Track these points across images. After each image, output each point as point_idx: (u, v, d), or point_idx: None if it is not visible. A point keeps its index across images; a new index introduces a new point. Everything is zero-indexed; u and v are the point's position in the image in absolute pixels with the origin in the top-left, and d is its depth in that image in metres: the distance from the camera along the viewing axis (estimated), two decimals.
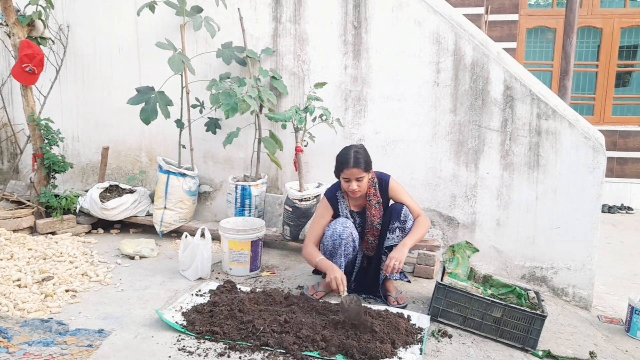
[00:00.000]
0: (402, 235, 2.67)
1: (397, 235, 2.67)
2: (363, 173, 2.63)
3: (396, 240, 2.67)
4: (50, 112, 4.15)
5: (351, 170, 2.61)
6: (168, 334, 2.27)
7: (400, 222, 2.67)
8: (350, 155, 2.63)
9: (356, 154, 2.63)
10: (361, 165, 2.61)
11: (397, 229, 2.67)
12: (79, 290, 2.75)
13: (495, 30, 7.47)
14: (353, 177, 2.63)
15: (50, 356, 2.02)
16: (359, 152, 2.65)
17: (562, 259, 3.29)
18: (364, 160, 2.63)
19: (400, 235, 2.67)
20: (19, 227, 3.61)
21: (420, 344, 2.28)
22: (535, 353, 2.39)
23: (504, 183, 3.38)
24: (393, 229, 2.68)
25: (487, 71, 3.34)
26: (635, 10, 7.42)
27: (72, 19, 4.31)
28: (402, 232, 2.67)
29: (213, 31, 3.63)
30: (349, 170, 2.62)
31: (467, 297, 2.50)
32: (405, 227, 2.67)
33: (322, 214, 2.81)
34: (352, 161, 2.61)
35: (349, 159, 2.62)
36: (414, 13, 3.43)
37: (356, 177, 2.63)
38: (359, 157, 2.63)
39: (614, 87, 7.52)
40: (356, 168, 2.61)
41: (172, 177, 3.72)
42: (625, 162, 7.16)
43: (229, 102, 3.28)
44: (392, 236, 2.68)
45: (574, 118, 3.26)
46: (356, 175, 2.62)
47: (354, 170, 2.61)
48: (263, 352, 2.12)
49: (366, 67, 3.59)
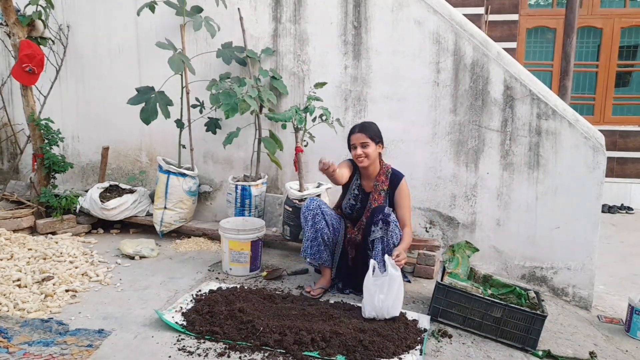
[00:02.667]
0: (385, 228, 2.64)
1: (380, 227, 2.65)
2: (367, 139, 2.79)
3: (380, 232, 2.65)
4: (50, 112, 4.15)
5: (356, 134, 2.81)
6: (168, 334, 2.27)
7: (384, 215, 2.65)
8: (358, 124, 2.89)
9: (365, 123, 2.89)
10: (367, 131, 2.81)
11: (381, 221, 2.65)
12: (79, 290, 2.75)
13: (495, 30, 7.47)
14: (358, 142, 2.80)
15: (50, 356, 2.02)
16: (369, 123, 2.89)
17: (562, 259, 3.29)
18: (370, 129, 2.84)
19: (383, 227, 2.64)
20: (19, 227, 3.61)
21: (420, 344, 2.28)
22: (535, 353, 2.39)
23: (504, 183, 3.38)
24: (377, 221, 2.67)
25: (487, 71, 3.34)
26: (635, 10, 7.42)
27: (72, 19, 4.32)
28: (386, 225, 2.64)
29: (213, 31, 3.64)
30: (354, 135, 2.82)
31: (467, 297, 2.50)
32: (389, 221, 2.64)
33: (345, 165, 2.94)
34: (359, 127, 2.84)
35: (356, 126, 2.86)
36: (414, 13, 3.43)
37: (361, 142, 2.79)
38: (366, 125, 2.85)
39: (614, 87, 7.52)
40: (360, 133, 2.80)
41: (172, 177, 3.72)
42: (625, 162, 7.16)
43: (229, 102, 3.28)
44: (376, 228, 2.66)
45: (574, 118, 3.26)
46: (360, 140, 2.79)
47: (358, 135, 2.80)
48: (263, 352, 2.13)
49: (366, 67, 3.59)
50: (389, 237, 2.65)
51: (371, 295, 2.44)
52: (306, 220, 2.81)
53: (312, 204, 2.81)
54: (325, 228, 2.80)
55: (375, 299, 2.43)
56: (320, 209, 2.81)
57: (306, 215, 2.81)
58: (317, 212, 2.79)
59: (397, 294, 2.44)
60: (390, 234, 2.65)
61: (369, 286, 2.46)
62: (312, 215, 2.79)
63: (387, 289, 2.42)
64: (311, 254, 2.82)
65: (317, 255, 2.81)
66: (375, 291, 2.43)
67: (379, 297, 2.42)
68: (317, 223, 2.78)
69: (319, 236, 2.79)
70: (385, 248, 2.66)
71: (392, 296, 2.43)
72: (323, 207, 2.83)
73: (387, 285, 2.42)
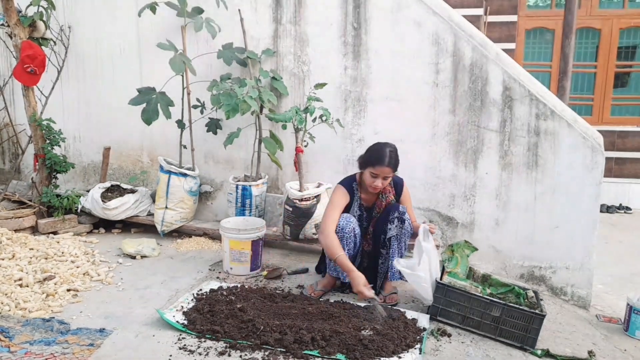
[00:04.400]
0: (400, 226, 2.70)
1: (396, 225, 2.70)
2: (392, 174, 2.71)
3: (395, 230, 2.70)
4: (51, 113, 4.16)
5: (384, 168, 2.65)
6: (169, 333, 2.29)
7: (400, 213, 2.71)
8: (386, 154, 2.66)
9: (391, 153, 2.68)
10: (394, 166, 2.69)
11: (396, 219, 2.70)
12: (80, 290, 2.76)
13: (494, 32, 7.48)
14: (382, 175, 2.68)
15: (51, 355, 2.04)
16: (394, 152, 2.71)
17: (561, 258, 3.31)
18: (395, 162, 2.70)
19: (399, 225, 2.70)
20: (21, 227, 3.62)
21: (419, 343, 2.29)
22: (534, 352, 2.41)
23: (502, 183, 3.40)
24: (392, 219, 2.71)
25: (486, 72, 3.36)
26: (633, 11, 7.43)
27: (74, 20, 4.33)
28: (401, 223, 2.70)
29: (214, 32, 3.65)
30: (381, 168, 2.65)
31: (466, 296, 2.52)
32: (404, 219, 2.70)
33: (339, 202, 2.81)
34: (388, 160, 2.65)
35: (384, 157, 2.65)
36: (414, 14, 3.45)
37: (384, 176, 2.69)
38: (393, 157, 2.69)
39: (612, 87, 7.54)
40: (389, 167, 2.66)
41: (173, 177, 3.73)
42: (623, 162, 7.17)
43: (230, 102, 3.29)
44: (392, 226, 2.71)
45: (573, 118, 3.28)
46: (386, 174, 2.68)
47: (386, 169, 2.66)
48: (263, 351, 2.14)
49: (366, 68, 3.61)
50: (402, 235, 2.72)
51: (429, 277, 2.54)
52: (341, 241, 2.71)
53: (348, 226, 2.70)
54: (352, 249, 2.76)
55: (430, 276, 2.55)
56: (354, 232, 2.74)
57: (340, 237, 2.69)
58: (351, 235, 2.72)
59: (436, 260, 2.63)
60: (404, 232, 2.72)
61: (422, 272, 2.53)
62: (346, 238, 2.71)
63: (430, 257, 2.56)
64: (334, 268, 2.78)
65: (339, 269, 2.75)
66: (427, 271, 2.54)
67: (432, 271, 2.56)
68: (348, 244, 2.72)
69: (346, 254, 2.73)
70: (399, 245, 2.74)
71: (435, 261, 2.60)
72: (356, 229, 2.76)
73: (429, 255, 2.56)
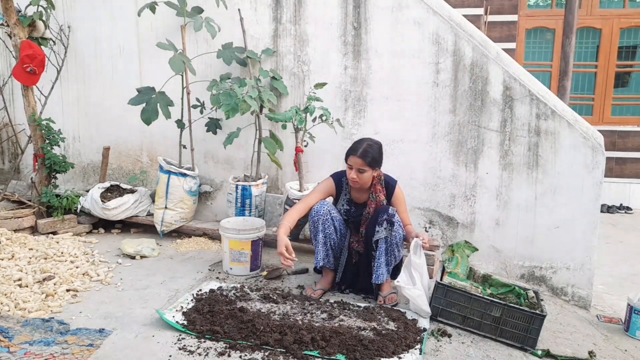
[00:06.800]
0: (389, 229, 2.66)
1: (385, 227, 2.67)
2: (366, 167, 2.68)
3: (384, 233, 2.67)
4: (51, 112, 4.16)
5: (355, 159, 2.67)
6: (169, 334, 2.28)
7: (389, 216, 2.68)
8: (361, 146, 2.69)
9: (367, 147, 2.69)
10: (366, 158, 2.66)
11: (385, 222, 2.67)
12: (79, 290, 2.75)
13: (494, 31, 7.48)
14: (355, 166, 2.68)
15: (51, 355, 2.03)
16: (371, 147, 2.71)
17: (561, 258, 3.30)
18: (371, 155, 2.68)
19: (388, 227, 2.67)
20: (20, 227, 3.62)
21: (420, 343, 2.29)
22: (535, 352, 2.40)
23: (503, 183, 3.39)
24: (381, 221, 2.68)
25: (486, 72, 3.35)
26: (634, 11, 7.44)
27: (73, 19, 4.32)
28: (391, 225, 2.66)
29: (213, 32, 3.64)
30: (353, 158, 2.68)
31: (466, 297, 2.51)
32: (393, 222, 2.66)
33: (322, 190, 2.86)
34: (360, 151, 2.67)
35: (358, 148, 2.68)
36: (414, 14, 3.44)
37: (358, 168, 2.68)
38: (369, 150, 2.68)
39: (613, 87, 7.54)
40: (361, 159, 2.66)
41: (172, 177, 3.72)
42: (624, 162, 7.18)
43: (230, 102, 3.29)
44: (380, 229, 2.68)
45: (573, 118, 3.27)
46: (358, 166, 2.67)
47: (357, 160, 2.66)
48: (263, 351, 2.14)
49: (366, 68, 3.60)
50: (392, 237, 2.68)
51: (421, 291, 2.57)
52: (315, 225, 2.76)
53: (322, 208, 2.76)
54: (333, 234, 2.78)
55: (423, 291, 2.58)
56: (330, 214, 2.77)
57: (315, 220, 2.76)
58: (327, 217, 2.75)
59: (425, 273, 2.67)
60: (394, 234, 2.68)
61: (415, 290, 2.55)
62: (322, 221, 2.75)
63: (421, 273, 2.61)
64: (322, 258, 2.79)
65: (325, 260, 2.80)
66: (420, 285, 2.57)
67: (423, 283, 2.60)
68: (327, 228, 2.75)
69: (328, 241, 2.78)
70: (388, 248, 2.70)
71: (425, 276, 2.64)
72: (333, 212, 2.79)
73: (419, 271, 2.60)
